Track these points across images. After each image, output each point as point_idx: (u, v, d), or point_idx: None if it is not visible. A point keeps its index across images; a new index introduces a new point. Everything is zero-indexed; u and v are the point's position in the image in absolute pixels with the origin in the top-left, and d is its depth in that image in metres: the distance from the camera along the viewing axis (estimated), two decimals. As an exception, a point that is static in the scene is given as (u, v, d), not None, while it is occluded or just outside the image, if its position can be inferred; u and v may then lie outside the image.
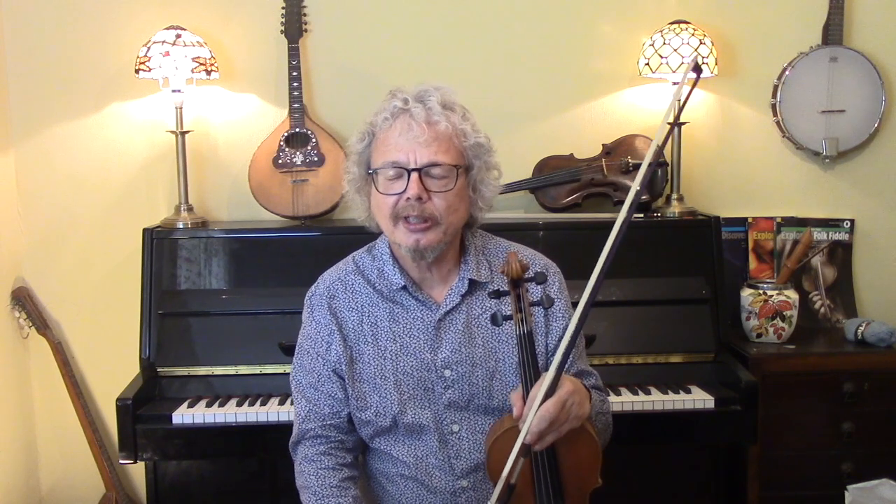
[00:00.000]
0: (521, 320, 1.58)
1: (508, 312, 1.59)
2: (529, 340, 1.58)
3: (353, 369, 1.76)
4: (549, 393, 1.49)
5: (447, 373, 1.73)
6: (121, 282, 2.94)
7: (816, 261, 3.02)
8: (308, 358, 1.79)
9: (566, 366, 1.76)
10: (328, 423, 1.77)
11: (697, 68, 1.54)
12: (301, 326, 1.84)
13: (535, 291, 1.74)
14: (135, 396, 2.43)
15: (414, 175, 1.64)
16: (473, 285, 1.76)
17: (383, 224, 1.71)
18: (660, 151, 1.51)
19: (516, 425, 1.53)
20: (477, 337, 1.75)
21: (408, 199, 1.64)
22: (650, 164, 1.48)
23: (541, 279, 1.60)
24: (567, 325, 1.76)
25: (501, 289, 1.62)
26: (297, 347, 1.83)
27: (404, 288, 1.75)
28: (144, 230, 2.71)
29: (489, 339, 1.75)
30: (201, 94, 2.93)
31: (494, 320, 1.58)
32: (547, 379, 1.49)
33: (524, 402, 1.53)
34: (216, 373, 2.59)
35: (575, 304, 1.88)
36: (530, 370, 1.57)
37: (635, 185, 1.48)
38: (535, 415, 1.48)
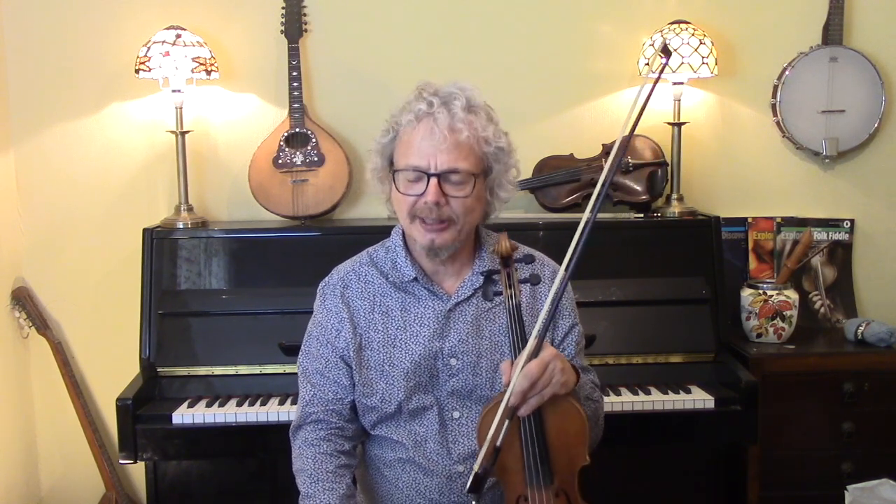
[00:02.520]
0: (511, 295, 1.65)
1: (499, 289, 1.67)
2: (517, 312, 1.65)
3: (362, 356, 1.79)
4: (534, 357, 1.57)
5: (453, 361, 1.77)
6: (121, 282, 2.94)
7: (816, 261, 3.02)
8: (316, 344, 1.83)
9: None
10: (331, 408, 1.80)
11: (666, 51, 1.59)
12: (311, 315, 1.87)
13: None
14: (135, 396, 2.44)
15: (433, 180, 1.68)
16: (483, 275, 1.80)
17: (401, 218, 1.78)
18: (625, 145, 1.54)
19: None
20: (485, 329, 1.79)
21: (425, 202, 1.69)
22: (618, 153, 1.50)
23: (529, 259, 1.70)
24: (572, 323, 1.84)
25: (493, 268, 1.71)
26: (306, 334, 1.87)
27: (415, 279, 1.80)
28: (144, 230, 2.71)
29: (496, 333, 1.80)
30: (201, 94, 2.93)
31: (486, 295, 1.68)
32: (529, 345, 1.57)
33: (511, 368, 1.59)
34: (216, 373, 2.59)
35: (578, 305, 1.90)
36: (518, 340, 1.65)
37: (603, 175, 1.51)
38: (518, 375, 1.54)
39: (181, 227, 2.76)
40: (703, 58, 2.79)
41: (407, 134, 1.72)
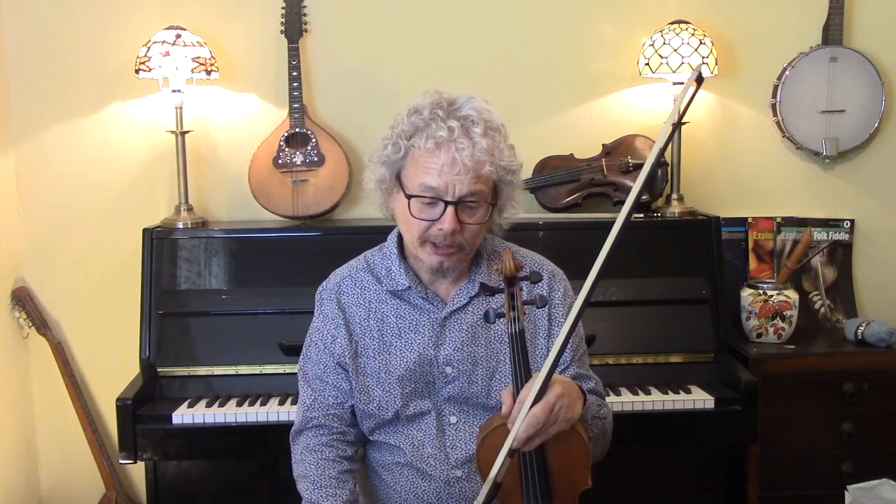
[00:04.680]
0: (514, 318, 1.59)
1: (502, 310, 1.60)
2: (521, 339, 1.59)
3: (358, 363, 1.79)
4: (539, 396, 1.50)
5: (448, 369, 1.76)
6: (121, 282, 2.94)
7: (816, 261, 3.02)
8: (315, 349, 1.83)
9: (562, 370, 1.78)
10: (332, 412, 1.80)
11: (700, 79, 1.52)
12: (311, 317, 1.87)
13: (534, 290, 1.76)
14: (135, 396, 2.44)
15: (450, 208, 1.65)
16: (483, 289, 1.78)
17: (408, 239, 1.74)
18: (661, 156, 1.47)
19: (505, 423, 1.55)
20: (480, 337, 1.78)
21: (440, 229, 1.66)
22: (651, 169, 1.47)
23: (535, 278, 1.61)
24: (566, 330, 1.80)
25: (497, 286, 1.63)
26: (306, 338, 1.87)
27: (409, 288, 1.78)
28: (144, 230, 2.71)
29: (492, 340, 1.78)
30: (201, 94, 2.93)
31: (487, 317, 1.60)
32: (537, 383, 1.49)
33: (513, 401, 1.55)
34: (216, 373, 2.59)
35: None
36: (521, 369, 1.58)
37: (632, 194, 1.46)
38: (523, 419, 1.48)
39: (181, 227, 2.76)
40: (703, 58, 2.79)
41: (424, 158, 1.67)
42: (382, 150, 1.74)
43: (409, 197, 1.69)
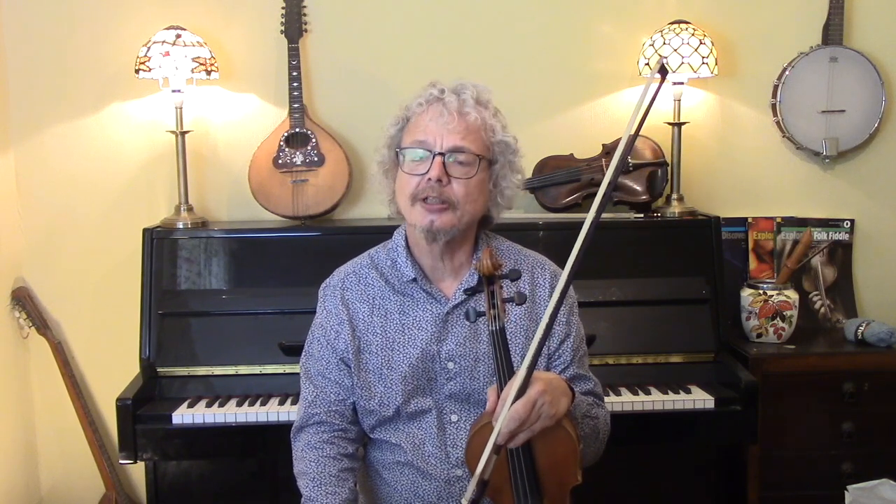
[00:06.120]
0: (494, 317, 1.60)
1: (482, 309, 1.61)
2: (502, 337, 1.60)
3: (360, 359, 1.80)
4: (521, 393, 1.51)
5: (450, 365, 1.77)
6: (121, 282, 2.94)
7: (816, 261, 3.02)
8: (318, 346, 1.84)
9: (562, 370, 1.79)
10: (334, 409, 1.81)
11: (663, 70, 1.56)
12: (312, 315, 1.88)
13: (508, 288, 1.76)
14: (135, 396, 2.44)
15: (438, 158, 1.69)
16: (465, 292, 1.78)
17: (403, 204, 1.77)
18: (626, 155, 1.51)
19: (490, 421, 1.55)
20: (483, 333, 1.78)
21: (429, 179, 1.69)
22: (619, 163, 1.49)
23: (514, 276, 1.62)
24: (567, 331, 1.81)
25: (475, 285, 1.65)
26: (308, 335, 1.88)
27: (414, 280, 1.79)
28: (144, 230, 2.71)
29: None
30: (201, 94, 2.93)
31: (468, 316, 1.61)
32: (517, 379, 1.51)
33: (497, 398, 1.56)
34: (216, 373, 2.59)
35: (582, 304, 1.90)
36: (503, 367, 1.60)
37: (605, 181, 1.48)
38: (505, 415, 1.50)
39: (181, 227, 2.76)
40: (703, 58, 2.79)
41: (416, 117, 1.75)
42: (386, 132, 1.80)
43: (401, 150, 1.74)
